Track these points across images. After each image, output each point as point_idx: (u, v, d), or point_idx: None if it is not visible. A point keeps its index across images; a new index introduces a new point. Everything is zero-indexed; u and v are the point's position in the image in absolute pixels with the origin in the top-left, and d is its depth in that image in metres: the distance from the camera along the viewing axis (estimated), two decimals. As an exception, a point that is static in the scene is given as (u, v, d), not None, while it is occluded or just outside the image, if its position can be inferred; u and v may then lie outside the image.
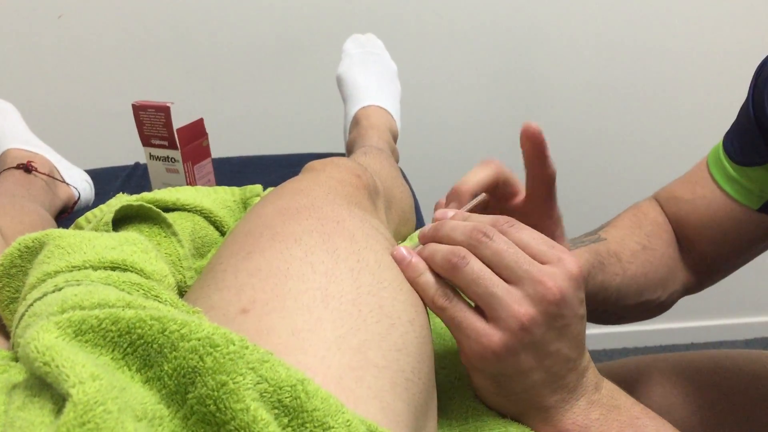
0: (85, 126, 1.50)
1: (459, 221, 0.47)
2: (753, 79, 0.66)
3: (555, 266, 0.43)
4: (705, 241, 0.70)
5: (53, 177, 1.00)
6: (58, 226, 0.97)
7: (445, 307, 0.44)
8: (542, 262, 0.43)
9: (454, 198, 0.50)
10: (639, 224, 0.72)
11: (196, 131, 0.94)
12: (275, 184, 0.57)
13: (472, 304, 0.44)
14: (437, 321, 0.57)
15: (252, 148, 1.33)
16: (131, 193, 1.05)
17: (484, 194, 0.50)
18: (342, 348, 0.36)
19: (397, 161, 1.07)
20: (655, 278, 0.69)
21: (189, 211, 0.60)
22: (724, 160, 0.68)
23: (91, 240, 0.43)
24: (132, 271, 0.40)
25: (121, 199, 0.57)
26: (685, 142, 1.67)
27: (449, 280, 0.44)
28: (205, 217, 0.60)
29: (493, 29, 1.52)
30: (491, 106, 1.60)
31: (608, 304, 0.66)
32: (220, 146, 1.22)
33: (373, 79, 1.09)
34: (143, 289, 0.37)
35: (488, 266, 0.43)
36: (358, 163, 0.63)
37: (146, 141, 0.93)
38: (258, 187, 0.67)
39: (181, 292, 0.53)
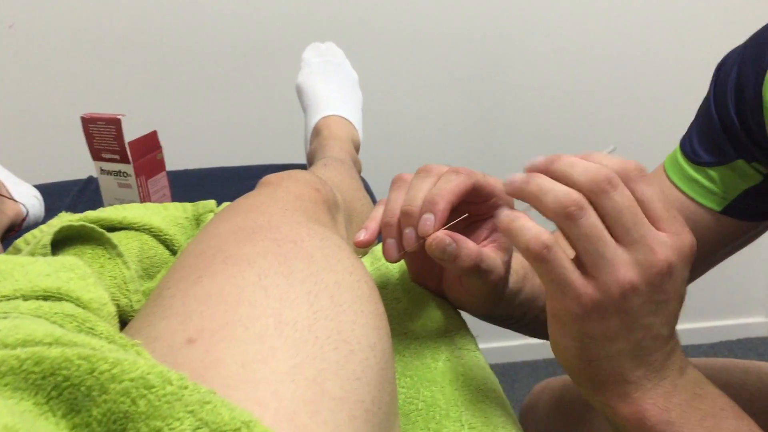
0: (36, 139, 1.44)
1: (579, 158, 0.42)
2: (713, 77, 0.65)
3: (671, 237, 0.40)
4: None
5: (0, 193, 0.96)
6: (5, 246, 0.93)
7: (544, 258, 0.40)
8: (660, 229, 0.40)
9: (428, 209, 0.46)
10: None
11: (150, 144, 0.91)
12: (236, 196, 0.54)
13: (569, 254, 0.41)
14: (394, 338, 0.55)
15: (211, 160, 1.30)
16: (84, 208, 1.01)
17: (466, 215, 0.48)
18: (296, 379, 0.33)
19: (359, 172, 1.05)
20: None
21: (137, 230, 0.56)
22: (683, 163, 0.67)
23: (24, 266, 0.40)
24: (67, 300, 0.37)
25: (63, 219, 0.54)
26: (655, 147, 1.69)
27: (556, 224, 0.41)
28: (154, 236, 0.57)
29: (456, 35, 1.51)
30: (455, 112, 1.59)
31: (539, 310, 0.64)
32: (177, 159, 1.19)
33: (333, 88, 1.07)
34: (77, 321, 0.34)
35: (603, 219, 0.40)
36: (316, 176, 0.61)
37: (96, 155, 0.89)
38: (211, 203, 0.64)
39: (128, 317, 0.50)
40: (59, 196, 1.12)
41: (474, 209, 0.50)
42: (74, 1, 1.36)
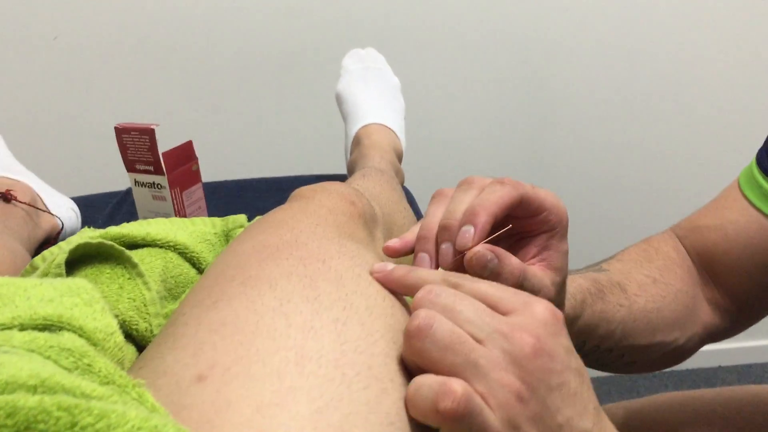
0: (74, 150, 1.44)
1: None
2: None
3: (521, 313, 0.35)
4: (736, 274, 0.62)
5: (35, 206, 0.94)
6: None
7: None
8: (506, 312, 0.36)
9: (468, 221, 0.41)
10: (648, 258, 0.64)
11: (185, 155, 0.88)
12: (274, 208, 0.50)
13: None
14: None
15: (248, 171, 1.26)
16: (122, 221, 0.98)
17: (510, 226, 0.43)
18: (319, 427, 0.29)
19: (402, 182, 1.00)
20: (671, 316, 0.61)
21: (161, 247, 0.53)
22: (761, 178, 0.61)
23: (27, 290, 0.36)
24: (69, 330, 0.33)
25: (83, 235, 0.50)
26: (708, 156, 1.60)
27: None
28: (179, 254, 0.53)
29: (501, 40, 1.45)
30: (501, 120, 1.53)
31: (612, 341, 0.58)
32: (214, 170, 1.16)
33: (374, 95, 1.03)
34: (74, 356, 0.30)
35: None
36: (353, 188, 0.56)
37: (130, 166, 0.87)
38: (242, 218, 0.60)
39: (147, 343, 0.46)
40: (97, 208, 1.10)
41: (521, 225, 0.45)
42: (112, 12, 1.35)
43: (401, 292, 0.40)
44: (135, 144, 0.84)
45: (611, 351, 0.59)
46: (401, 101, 1.08)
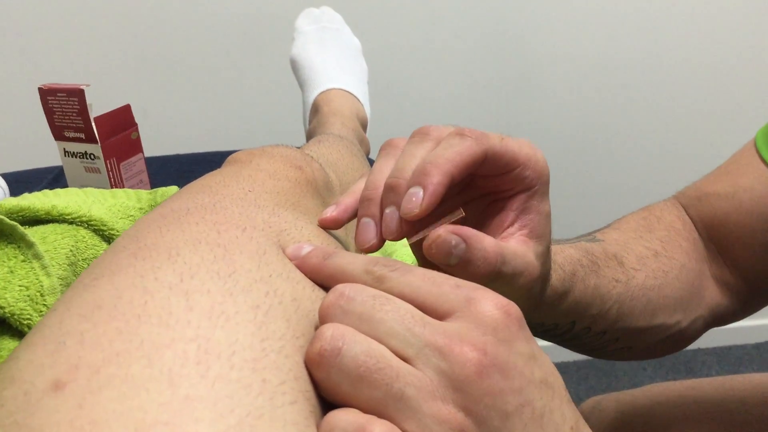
0: (3, 120, 1.32)
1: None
2: None
3: (462, 316, 0.27)
4: (749, 249, 0.55)
5: (-47, 181, 0.84)
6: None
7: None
8: (443, 314, 0.27)
9: (417, 181, 0.33)
10: (649, 228, 0.56)
11: (122, 120, 0.78)
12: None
13: None
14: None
15: (204, 145, 1.17)
16: (56, 197, 0.90)
17: (461, 211, 0.34)
18: None
19: (367, 153, 0.92)
20: (673, 296, 0.53)
21: (71, 223, 0.44)
22: None
23: None
24: None
25: (-28, 209, 0.41)
26: (710, 113, 1.54)
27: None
28: (95, 231, 0.44)
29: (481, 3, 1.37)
30: (476, 82, 1.45)
31: (606, 322, 0.50)
32: (163, 143, 1.06)
33: (332, 58, 0.94)
34: None
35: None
36: (302, 152, 0.48)
37: (58, 133, 0.77)
38: (173, 189, 0.51)
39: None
40: (30, 184, 1.00)
41: (492, 184, 0.37)
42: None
43: (322, 284, 0.31)
44: (63, 108, 0.74)
45: (604, 334, 0.51)
46: (363, 64, 0.99)
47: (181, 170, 1.08)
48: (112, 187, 0.77)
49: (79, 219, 0.44)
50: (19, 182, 0.99)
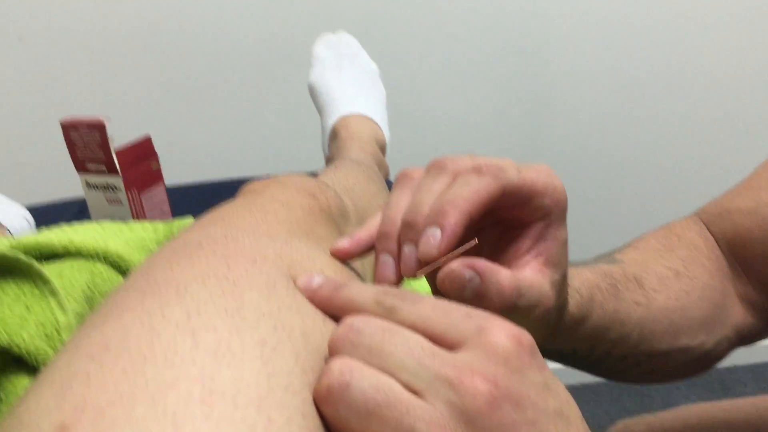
0: (32, 154, 1.34)
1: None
2: None
3: (473, 346, 0.26)
4: None
5: (-20, 215, 0.85)
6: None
7: None
8: (454, 344, 0.27)
9: (434, 221, 0.33)
10: (670, 246, 0.55)
11: (143, 152, 0.79)
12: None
13: None
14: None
15: (225, 171, 1.18)
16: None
17: (475, 240, 0.33)
18: None
19: (386, 176, 0.92)
20: (697, 316, 0.52)
21: (88, 258, 0.44)
22: None
23: None
24: None
25: (-10, 247, 0.41)
26: (729, 135, 1.51)
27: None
28: (111, 265, 0.45)
29: (491, 11, 1.36)
30: (495, 105, 1.45)
31: (627, 346, 0.49)
32: (184, 172, 1.08)
33: (349, 83, 0.94)
34: None
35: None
36: (316, 180, 0.48)
37: (80, 166, 0.78)
38: (189, 220, 0.51)
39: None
40: (55, 217, 1.01)
41: (510, 214, 0.36)
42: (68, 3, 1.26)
43: (334, 316, 0.31)
44: (84, 141, 0.76)
45: (625, 358, 0.50)
46: (381, 88, 0.99)
47: (202, 198, 1.09)
48: (134, 218, 0.78)
49: (95, 253, 0.44)
50: (46, 214, 1.01)
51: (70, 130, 0.75)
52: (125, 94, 1.32)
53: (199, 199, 1.07)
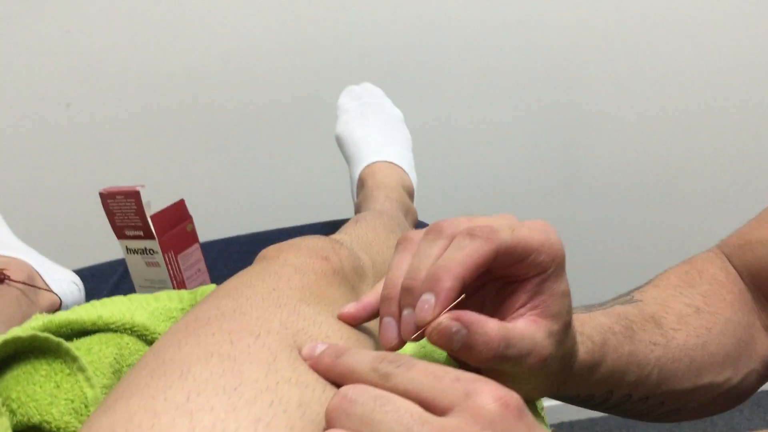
0: (78, 219, 1.40)
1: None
2: None
3: (461, 411, 0.27)
4: None
5: (30, 284, 0.90)
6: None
7: None
8: (444, 409, 0.28)
9: (428, 287, 0.34)
10: (690, 283, 0.55)
11: (177, 215, 0.82)
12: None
13: None
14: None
15: (262, 224, 1.21)
16: (128, 291, 0.94)
17: (463, 296, 0.35)
18: None
19: (414, 222, 0.93)
20: (720, 352, 0.51)
21: (115, 331, 0.46)
22: None
23: None
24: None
25: (25, 325, 0.44)
26: (759, 165, 1.48)
27: None
28: (138, 337, 0.47)
29: (524, 63, 1.38)
30: (525, 148, 1.45)
31: (647, 388, 0.48)
32: (222, 227, 1.11)
33: (374, 132, 0.96)
34: None
35: None
36: (330, 241, 0.49)
37: (120, 233, 0.82)
38: (211, 287, 0.53)
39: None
40: (102, 278, 1.06)
41: (506, 272, 0.37)
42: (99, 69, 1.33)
43: (336, 383, 0.32)
44: (122, 209, 0.79)
45: (647, 399, 0.49)
46: (406, 133, 1.01)
47: (241, 251, 1.12)
48: (171, 279, 0.81)
49: (122, 326, 0.46)
50: (93, 276, 1.05)
51: (108, 199, 0.79)
52: (162, 155, 1.38)
53: (239, 252, 1.10)
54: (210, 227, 1.07)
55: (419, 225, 1.03)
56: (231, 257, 1.07)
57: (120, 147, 1.37)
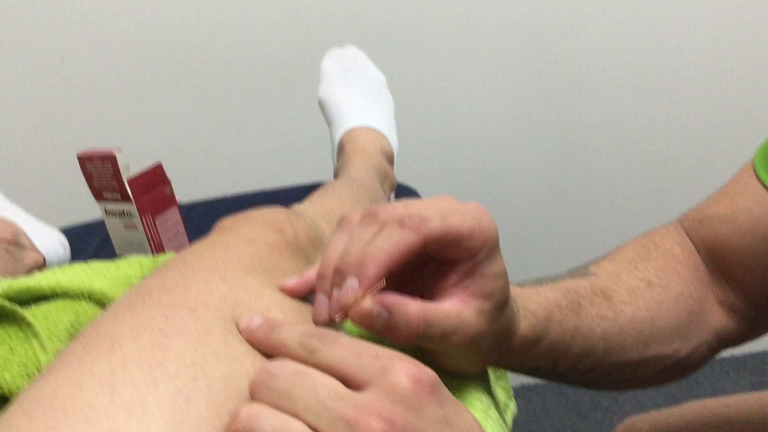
0: (65, 178, 1.42)
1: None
2: None
3: (376, 387, 0.29)
4: (751, 271, 0.53)
5: (15, 242, 0.91)
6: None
7: None
8: (361, 385, 0.29)
9: (355, 271, 0.35)
10: (646, 256, 0.56)
11: (154, 178, 0.83)
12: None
13: None
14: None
15: (245, 185, 1.22)
16: (111, 252, 0.96)
17: (383, 282, 0.36)
18: None
19: (393, 188, 0.94)
20: (669, 325, 0.52)
21: (73, 298, 0.48)
22: None
23: None
24: None
25: (-15, 292, 0.46)
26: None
27: None
28: (96, 303, 0.48)
29: (512, 19, 1.36)
30: (512, 111, 1.45)
31: (593, 359, 0.50)
32: (205, 188, 1.12)
33: (356, 96, 0.97)
34: None
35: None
36: (287, 213, 0.50)
37: (98, 195, 0.83)
38: (170, 255, 0.55)
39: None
40: (89, 238, 1.07)
41: (439, 256, 0.38)
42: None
43: (269, 357, 0.34)
44: (99, 172, 0.80)
45: (593, 370, 0.51)
46: (389, 98, 1.01)
47: (227, 213, 1.13)
48: (149, 241, 0.82)
49: (81, 293, 0.48)
50: (79, 236, 1.07)
51: (86, 162, 0.80)
52: (148, 115, 1.38)
53: (224, 213, 1.11)
54: (196, 188, 1.08)
55: (401, 189, 1.04)
56: (217, 218, 1.08)
57: (110, 106, 1.37)
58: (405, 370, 0.29)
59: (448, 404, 0.30)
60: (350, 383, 0.30)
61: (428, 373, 0.30)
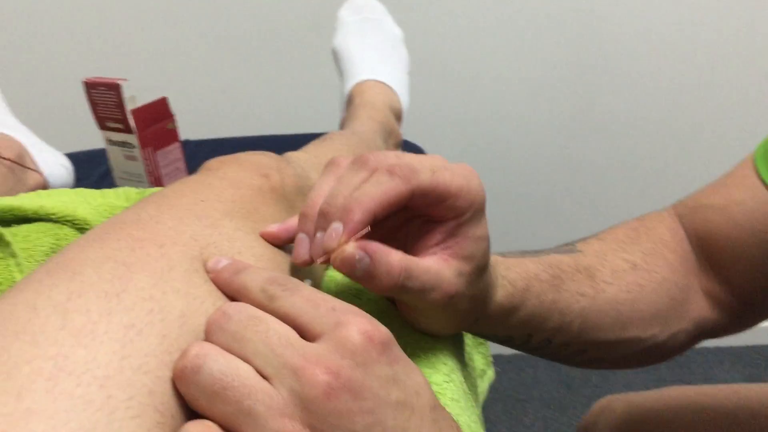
0: (72, 103, 1.42)
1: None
2: None
3: (327, 339, 0.29)
4: (740, 264, 0.53)
5: (19, 162, 0.92)
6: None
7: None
8: (315, 336, 0.29)
9: (339, 216, 0.35)
10: (635, 239, 0.55)
11: (159, 112, 0.83)
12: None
13: None
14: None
15: (253, 129, 1.21)
16: (111, 184, 0.96)
17: (367, 228, 0.35)
18: None
19: (398, 145, 0.93)
20: (649, 309, 0.52)
21: (56, 222, 0.48)
22: None
23: None
24: None
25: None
26: None
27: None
28: (78, 229, 0.49)
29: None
30: (529, 72, 1.42)
31: (569, 335, 0.50)
32: (211, 126, 1.12)
33: (370, 49, 0.95)
34: None
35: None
36: (278, 159, 0.50)
37: (102, 123, 0.83)
38: (157, 189, 0.55)
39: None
40: (95, 164, 1.08)
41: (425, 211, 0.38)
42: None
43: (232, 299, 0.34)
44: (104, 100, 0.80)
45: (568, 345, 0.51)
46: (403, 54, 0.99)
47: (234, 152, 1.13)
48: (147, 174, 0.83)
49: (64, 218, 0.48)
50: (86, 161, 1.07)
51: (91, 89, 0.80)
52: (159, 51, 1.37)
53: (222, 153, 1.11)
54: (209, 127, 1.08)
55: (408, 146, 1.03)
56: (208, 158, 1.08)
57: (129, 41, 1.37)
58: (358, 325, 0.29)
59: (398, 363, 0.30)
60: (305, 333, 0.30)
61: (381, 331, 0.30)
